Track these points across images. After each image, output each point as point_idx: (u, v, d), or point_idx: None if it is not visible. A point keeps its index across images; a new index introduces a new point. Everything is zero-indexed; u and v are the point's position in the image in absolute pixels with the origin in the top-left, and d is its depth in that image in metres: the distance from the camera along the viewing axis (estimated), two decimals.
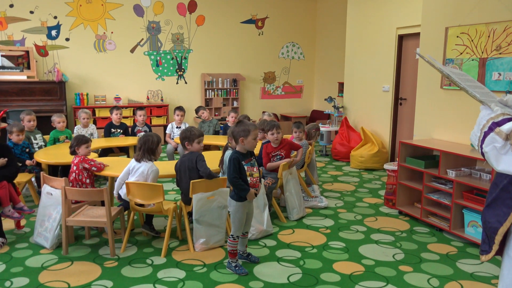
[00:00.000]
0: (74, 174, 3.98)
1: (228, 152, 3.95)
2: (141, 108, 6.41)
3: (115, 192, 3.86)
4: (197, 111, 6.96)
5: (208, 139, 6.00)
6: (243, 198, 3.18)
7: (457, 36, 4.43)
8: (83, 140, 4.05)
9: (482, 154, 1.48)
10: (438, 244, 3.86)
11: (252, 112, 9.81)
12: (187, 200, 3.67)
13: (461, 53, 4.42)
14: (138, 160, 3.70)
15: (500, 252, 1.59)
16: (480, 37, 4.21)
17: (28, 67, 7.88)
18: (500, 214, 1.51)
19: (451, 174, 3.97)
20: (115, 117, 6.23)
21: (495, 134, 1.40)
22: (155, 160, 3.80)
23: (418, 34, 5.63)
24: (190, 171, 3.63)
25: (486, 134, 1.43)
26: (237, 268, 3.25)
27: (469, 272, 3.30)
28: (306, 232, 4.13)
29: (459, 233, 3.92)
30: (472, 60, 4.31)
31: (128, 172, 3.75)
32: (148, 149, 3.71)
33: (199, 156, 3.65)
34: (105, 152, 5.94)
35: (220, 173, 4.13)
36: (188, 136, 3.70)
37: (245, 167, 3.18)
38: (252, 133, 3.15)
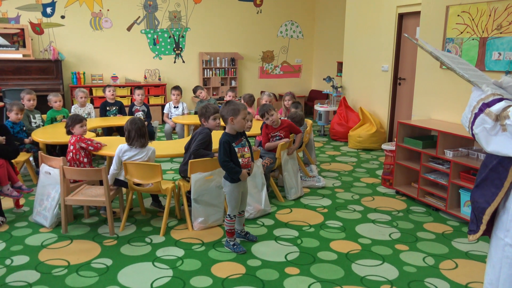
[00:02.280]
0: (71, 153, 3.97)
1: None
2: (139, 87, 6.36)
3: (110, 181, 3.64)
4: (194, 91, 6.92)
5: None
6: (236, 179, 3.19)
7: (458, 15, 4.38)
8: (77, 120, 4.03)
9: (473, 135, 1.48)
10: (434, 223, 3.90)
11: (250, 91, 9.75)
12: (184, 170, 3.74)
13: (461, 32, 4.37)
14: (136, 145, 3.61)
15: (488, 232, 1.60)
16: (481, 16, 4.16)
17: (24, 46, 7.78)
18: (488, 194, 1.51)
19: (449, 154, 3.98)
20: (108, 94, 6.16)
21: (485, 115, 1.39)
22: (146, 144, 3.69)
23: (418, 13, 5.56)
24: None
25: (476, 116, 1.43)
26: (235, 247, 3.29)
27: (464, 251, 3.35)
28: (304, 211, 4.17)
29: (455, 212, 3.95)
30: (473, 39, 4.27)
31: (120, 161, 3.62)
32: (141, 133, 3.59)
33: (204, 133, 3.70)
34: (109, 132, 5.95)
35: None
36: (203, 113, 3.75)
37: (236, 149, 3.17)
38: (242, 113, 3.14)
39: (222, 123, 3.66)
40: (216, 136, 3.63)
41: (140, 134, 3.59)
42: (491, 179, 1.51)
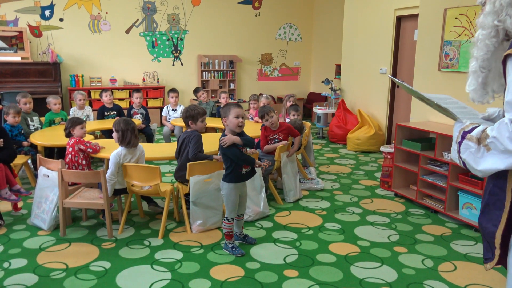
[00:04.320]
0: (70, 155, 3.97)
1: None
2: (137, 90, 6.36)
3: (109, 194, 3.57)
4: (196, 91, 6.90)
5: None
6: (234, 180, 3.19)
7: (456, 18, 4.40)
8: (78, 122, 4.04)
9: (463, 164, 1.54)
10: (433, 225, 3.90)
11: (249, 94, 9.75)
12: (180, 176, 3.68)
13: (459, 35, 4.39)
14: (132, 145, 3.61)
15: (502, 259, 1.60)
16: None
17: (22, 48, 7.78)
18: (494, 217, 1.55)
19: (447, 156, 3.99)
20: (105, 99, 6.11)
21: (468, 141, 1.49)
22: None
23: (416, 16, 5.58)
24: (187, 148, 3.67)
25: (460, 144, 1.52)
26: (233, 249, 3.28)
27: (462, 253, 3.35)
28: (303, 213, 4.17)
29: (454, 214, 3.96)
30: (470, 42, 4.28)
31: (119, 165, 3.58)
32: (136, 133, 3.62)
33: (195, 136, 3.65)
34: (110, 134, 5.93)
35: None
36: (192, 114, 3.67)
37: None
38: (232, 111, 3.13)
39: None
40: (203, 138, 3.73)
41: (135, 134, 3.61)
42: (493, 202, 1.55)
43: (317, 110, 7.95)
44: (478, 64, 1.61)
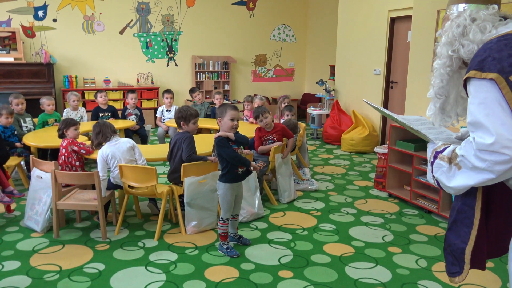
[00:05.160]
0: (63, 157, 3.95)
1: None
2: (132, 91, 6.34)
3: (104, 193, 3.58)
4: (192, 91, 6.88)
5: (200, 123, 5.96)
6: (230, 180, 3.19)
7: None
8: (71, 123, 4.03)
9: (437, 183, 1.60)
10: (427, 225, 3.92)
11: (243, 95, 9.75)
12: (174, 178, 3.68)
13: None
14: (100, 145, 3.70)
15: (478, 265, 1.68)
16: None
17: (15, 49, 7.73)
18: (462, 234, 1.62)
19: None
20: (100, 100, 6.11)
21: (440, 160, 1.56)
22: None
23: (410, 17, 5.61)
24: (180, 150, 3.66)
25: (433, 163, 1.60)
26: (228, 250, 3.28)
27: None
28: (297, 214, 4.17)
29: (447, 215, 3.98)
30: None
31: (105, 163, 3.65)
32: (113, 129, 3.75)
33: (188, 138, 3.63)
34: None
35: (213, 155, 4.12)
36: (184, 116, 3.64)
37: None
38: (228, 113, 3.14)
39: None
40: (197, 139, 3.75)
41: (113, 129, 3.73)
42: (461, 219, 1.63)
43: (311, 111, 7.96)
44: (434, 91, 1.71)
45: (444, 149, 1.56)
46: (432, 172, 1.60)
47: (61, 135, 4.03)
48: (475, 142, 1.38)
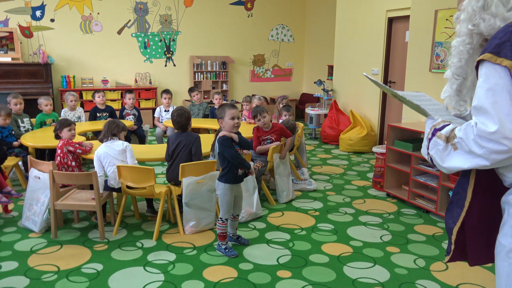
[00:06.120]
0: (59, 157, 3.94)
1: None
2: (130, 91, 6.33)
3: (101, 190, 3.60)
4: (191, 90, 6.87)
5: (198, 123, 5.98)
6: (230, 180, 3.19)
7: (446, 19, 4.44)
8: (65, 124, 4.01)
9: (430, 160, 1.59)
10: (425, 225, 3.93)
11: (242, 95, 9.76)
12: (174, 178, 3.69)
13: (450, 36, 4.43)
14: (103, 140, 3.76)
15: (462, 257, 1.67)
16: None
17: (13, 49, 7.71)
18: (455, 215, 1.62)
19: None
20: (98, 100, 6.10)
21: (437, 138, 1.53)
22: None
23: (407, 17, 5.62)
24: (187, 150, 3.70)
25: (430, 140, 1.57)
26: (227, 250, 3.28)
27: None
28: (295, 214, 4.17)
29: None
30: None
31: (100, 164, 3.68)
32: (112, 132, 3.76)
33: (197, 139, 3.69)
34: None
35: (210, 157, 4.12)
36: (187, 117, 3.72)
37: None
38: (228, 113, 3.14)
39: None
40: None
41: (113, 132, 3.76)
42: (456, 200, 1.63)
43: (309, 111, 7.97)
44: (452, 71, 1.64)
45: (443, 126, 1.53)
46: (428, 148, 1.58)
47: (57, 136, 4.02)
48: (477, 127, 1.36)
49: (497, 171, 1.50)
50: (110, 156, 3.66)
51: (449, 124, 1.53)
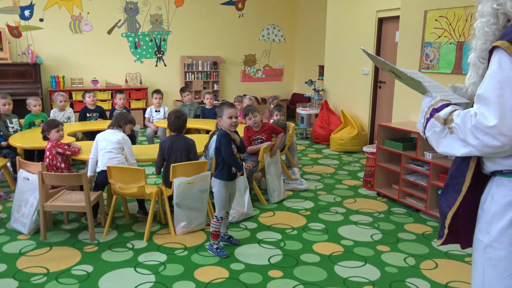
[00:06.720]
0: (48, 159, 3.89)
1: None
2: (120, 91, 6.28)
3: (89, 173, 3.79)
4: (183, 90, 6.85)
5: (189, 123, 5.93)
6: (225, 177, 3.19)
7: (436, 20, 4.48)
8: (53, 125, 3.96)
9: (426, 139, 1.57)
10: (415, 224, 3.96)
11: (233, 95, 9.74)
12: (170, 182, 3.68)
13: (439, 37, 4.47)
14: (109, 127, 3.90)
15: (456, 240, 1.66)
16: (458, 21, 4.26)
17: (1, 49, 7.62)
18: (450, 199, 1.59)
19: (428, 156, 4.05)
20: (88, 100, 6.05)
21: (435, 120, 1.49)
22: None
23: (398, 17, 5.66)
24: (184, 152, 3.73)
25: (427, 121, 1.53)
26: (218, 251, 3.27)
27: (443, 250, 3.40)
28: (287, 214, 4.18)
29: (435, 213, 4.02)
30: (450, 43, 4.37)
31: (96, 147, 3.81)
32: (119, 123, 3.89)
33: (194, 143, 3.75)
34: (92, 137, 5.84)
35: (203, 157, 4.11)
36: (184, 120, 3.79)
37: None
38: (226, 112, 3.16)
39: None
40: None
41: (119, 124, 3.90)
42: (452, 184, 1.59)
43: (300, 111, 7.99)
44: (477, 55, 1.53)
45: (442, 106, 1.49)
46: (424, 128, 1.54)
47: (45, 137, 3.98)
48: (476, 118, 1.32)
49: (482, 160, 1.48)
50: (106, 141, 3.76)
51: (447, 105, 1.48)
